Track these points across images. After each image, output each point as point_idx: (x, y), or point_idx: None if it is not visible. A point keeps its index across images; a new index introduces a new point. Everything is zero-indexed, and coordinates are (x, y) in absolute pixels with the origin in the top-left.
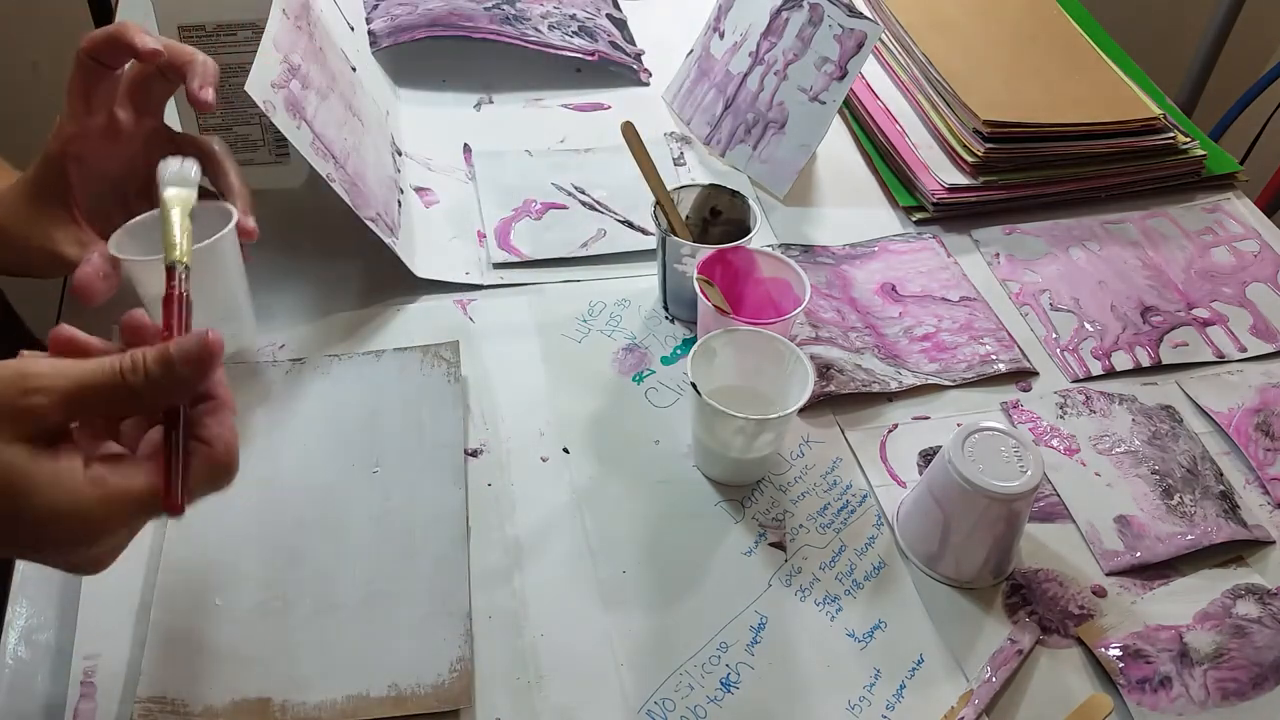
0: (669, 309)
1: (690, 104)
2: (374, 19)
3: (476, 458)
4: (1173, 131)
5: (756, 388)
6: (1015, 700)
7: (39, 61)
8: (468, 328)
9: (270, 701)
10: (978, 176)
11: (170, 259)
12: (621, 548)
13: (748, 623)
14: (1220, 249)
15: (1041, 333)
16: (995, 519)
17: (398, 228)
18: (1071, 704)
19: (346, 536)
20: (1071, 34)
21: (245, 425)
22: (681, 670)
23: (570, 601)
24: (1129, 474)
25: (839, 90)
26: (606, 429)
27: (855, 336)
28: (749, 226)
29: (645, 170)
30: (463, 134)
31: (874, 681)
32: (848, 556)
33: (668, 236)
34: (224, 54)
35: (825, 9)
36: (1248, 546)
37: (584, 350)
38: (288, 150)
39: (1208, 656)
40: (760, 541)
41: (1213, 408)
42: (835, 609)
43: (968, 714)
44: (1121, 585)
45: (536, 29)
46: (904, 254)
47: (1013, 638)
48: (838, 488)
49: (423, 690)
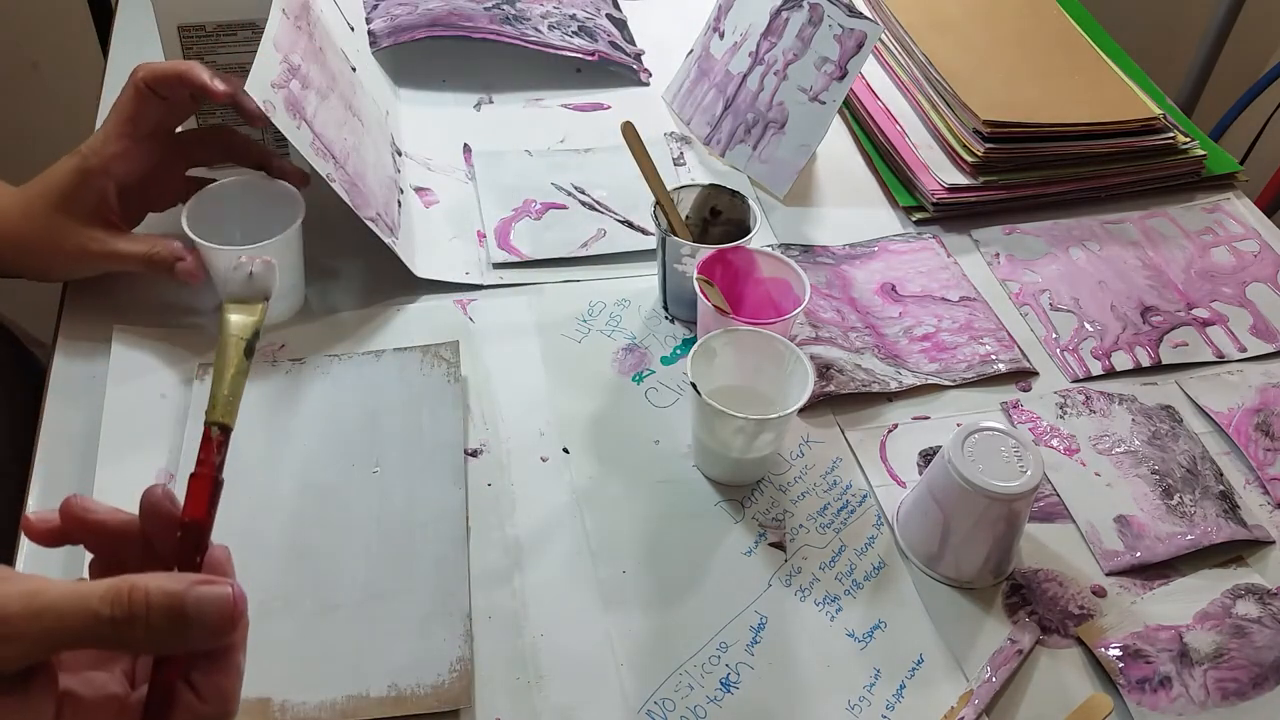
0: (669, 309)
1: (690, 104)
2: (374, 19)
3: (476, 458)
4: (1173, 131)
5: (756, 388)
6: (1015, 700)
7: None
8: (468, 328)
9: (270, 702)
10: (978, 176)
11: (212, 418)
12: (621, 548)
13: (748, 623)
14: (1220, 249)
15: (1041, 333)
16: (995, 519)
17: (398, 228)
18: (1071, 704)
19: (347, 536)
20: (1071, 34)
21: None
22: (681, 670)
23: (570, 601)
24: (1129, 474)
25: (839, 90)
26: (606, 429)
27: (855, 336)
28: (749, 226)
29: (645, 170)
30: (463, 134)
31: (874, 681)
32: (848, 556)
33: (668, 236)
34: (224, 54)
35: (825, 9)
36: (1248, 546)
37: (584, 350)
38: (288, 150)
39: (1208, 656)
40: (760, 541)
41: (1213, 408)
42: (835, 609)
43: (968, 714)
44: (1121, 585)
45: (536, 29)
46: (904, 254)
47: (1013, 638)
48: (838, 488)
49: (422, 690)
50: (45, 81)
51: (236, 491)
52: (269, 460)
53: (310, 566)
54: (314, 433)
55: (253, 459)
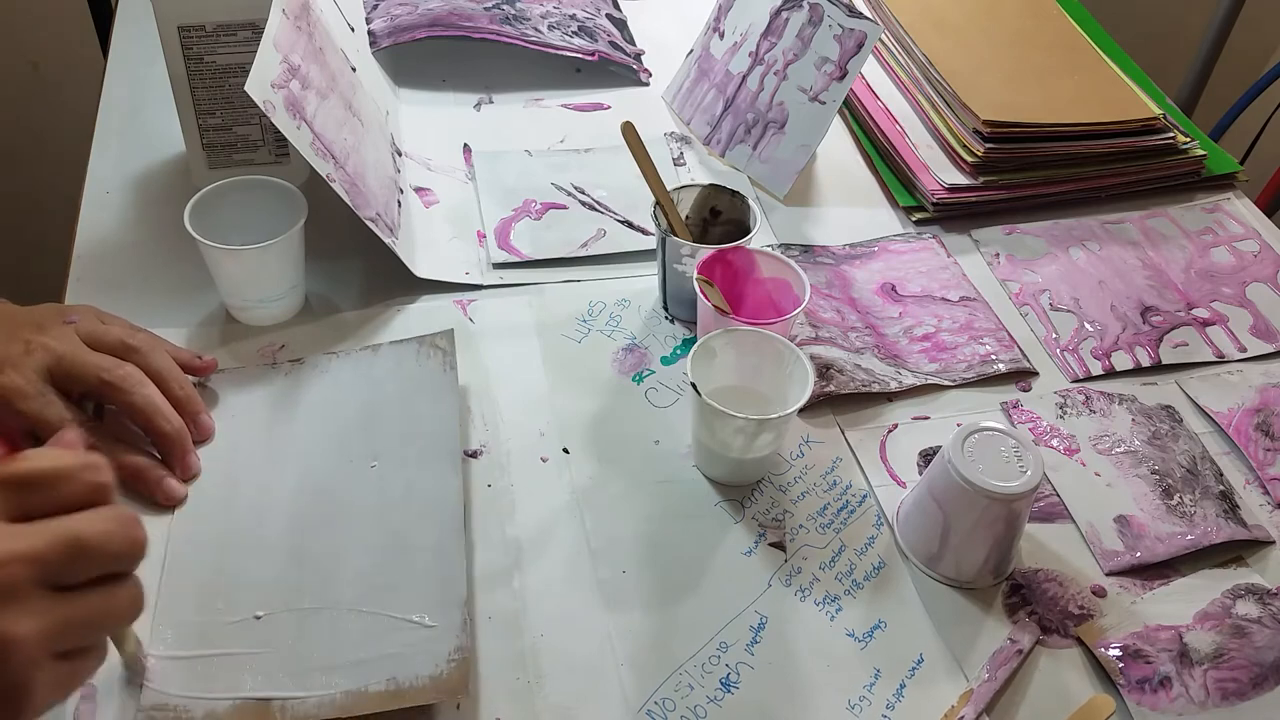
0: (669, 309)
1: (690, 104)
2: (374, 19)
3: (477, 458)
4: (1172, 131)
5: (756, 388)
6: (1015, 700)
7: (39, 61)
8: (468, 328)
9: (271, 702)
10: (978, 176)
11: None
12: (621, 548)
13: (748, 623)
14: (1220, 249)
15: (1041, 333)
16: (995, 519)
17: (398, 228)
18: (1071, 704)
19: (345, 533)
20: (1071, 34)
21: (246, 428)
22: (681, 670)
23: (570, 602)
24: (1129, 474)
25: (839, 90)
26: (606, 429)
27: (855, 336)
28: (749, 226)
29: (645, 170)
30: (463, 134)
31: (874, 681)
32: (847, 556)
33: (668, 237)
34: (224, 54)
35: (825, 9)
36: (1248, 546)
37: (584, 350)
38: (288, 150)
39: (1207, 656)
40: (760, 541)
41: (1213, 408)
42: (835, 609)
43: (968, 713)
44: (1121, 585)
45: (536, 29)
46: (904, 254)
47: (1013, 637)
48: (838, 488)
49: (420, 682)
50: (45, 81)
51: (237, 494)
52: (269, 462)
53: (310, 566)
54: (313, 432)
55: (253, 461)
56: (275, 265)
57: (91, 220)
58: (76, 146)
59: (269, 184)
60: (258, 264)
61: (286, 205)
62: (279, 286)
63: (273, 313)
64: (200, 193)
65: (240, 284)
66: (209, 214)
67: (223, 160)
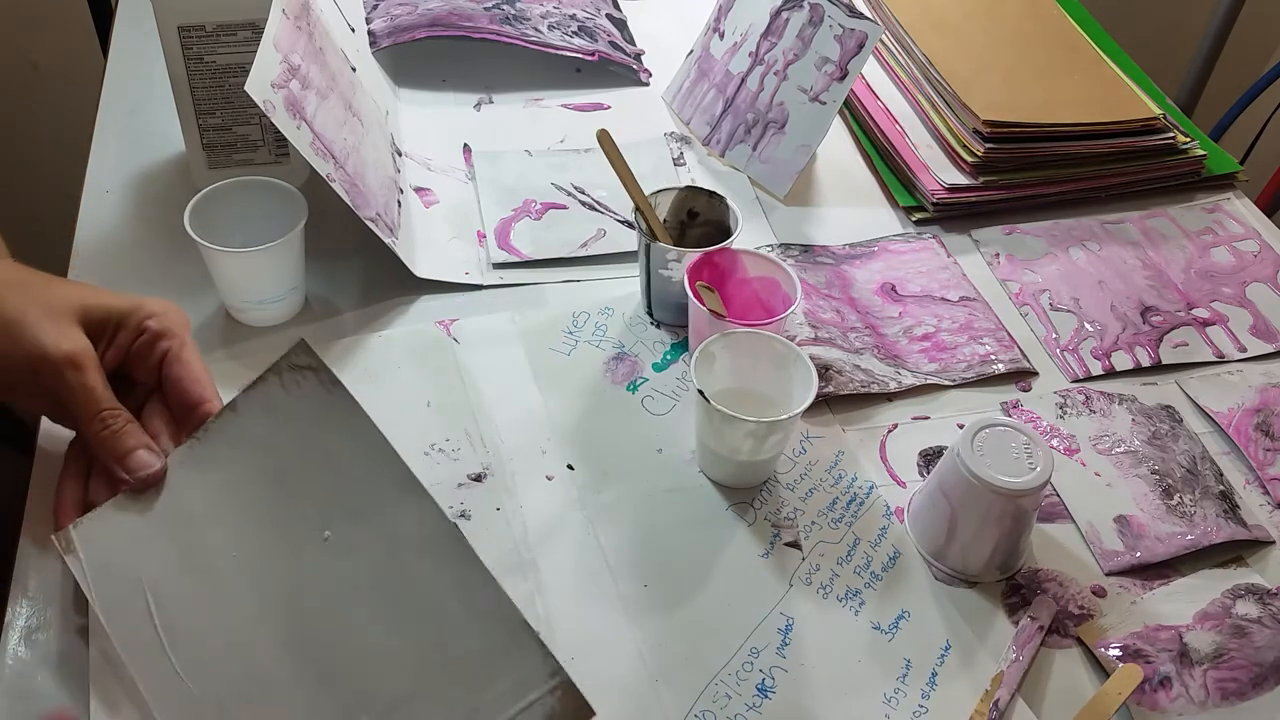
0: (653, 314)
1: (690, 104)
2: (374, 19)
3: (481, 482)
4: (1172, 131)
5: (756, 389)
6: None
7: (39, 61)
8: (454, 349)
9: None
10: (978, 176)
11: None
12: (640, 561)
13: (775, 625)
14: (1220, 249)
15: (1041, 333)
16: (1002, 514)
17: (397, 228)
18: (1072, 705)
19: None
20: (1071, 34)
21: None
22: (717, 680)
23: (596, 622)
24: (1129, 474)
25: (839, 91)
26: (607, 441)
27: (855, 337)
28: (728, 227)
29: (623, 177)
30: (463, 134)
31: (906, 672)
32: (863, 549)
33: (652, 243)
34: (224, 54)
35: (825, 9)
36: (1248, 546)
37: (574, 363)
38: (288, 150)
39: (1208, 656)
40: (775, 542)
41: (1212, 408)
42: (858, 603)
43: (1002, 695)
44: (1121, 585)
45: (536, 29)
46: (904, 254)
47: (1032, 614)
48: (844, 481)
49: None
50: (45, 81)
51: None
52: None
53: (341, 682)
54: (234, 540)
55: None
56: (275, 267)
57: (91, 220)
58: (76, 147)
59: (269, 185)
60: (258, 266)
61: (287, 206)
62: (279, 288)
63: (273, 314)
64: (200, 194)
65: (240, 286)
66: (209, 215)
67: (223, 160)
